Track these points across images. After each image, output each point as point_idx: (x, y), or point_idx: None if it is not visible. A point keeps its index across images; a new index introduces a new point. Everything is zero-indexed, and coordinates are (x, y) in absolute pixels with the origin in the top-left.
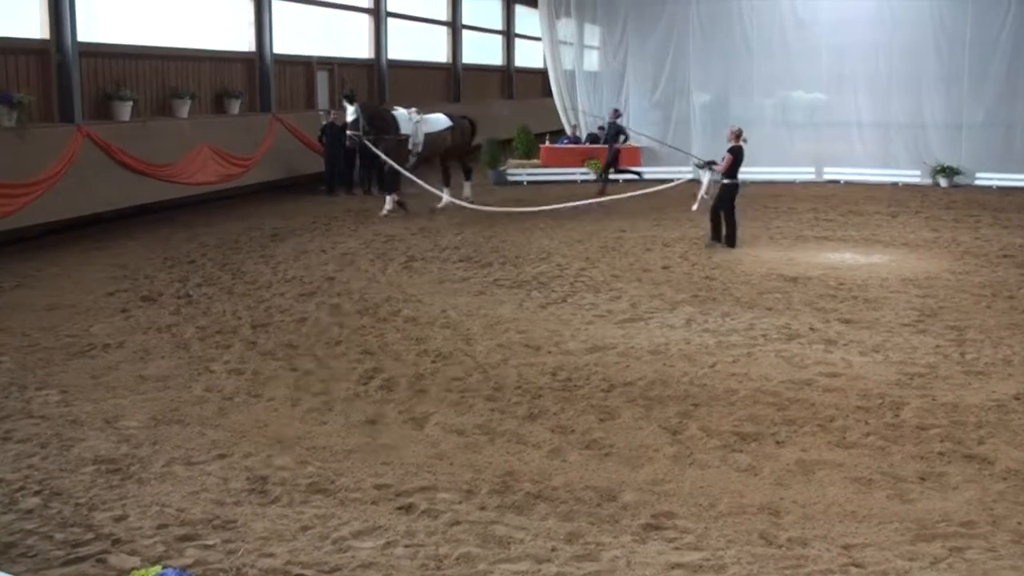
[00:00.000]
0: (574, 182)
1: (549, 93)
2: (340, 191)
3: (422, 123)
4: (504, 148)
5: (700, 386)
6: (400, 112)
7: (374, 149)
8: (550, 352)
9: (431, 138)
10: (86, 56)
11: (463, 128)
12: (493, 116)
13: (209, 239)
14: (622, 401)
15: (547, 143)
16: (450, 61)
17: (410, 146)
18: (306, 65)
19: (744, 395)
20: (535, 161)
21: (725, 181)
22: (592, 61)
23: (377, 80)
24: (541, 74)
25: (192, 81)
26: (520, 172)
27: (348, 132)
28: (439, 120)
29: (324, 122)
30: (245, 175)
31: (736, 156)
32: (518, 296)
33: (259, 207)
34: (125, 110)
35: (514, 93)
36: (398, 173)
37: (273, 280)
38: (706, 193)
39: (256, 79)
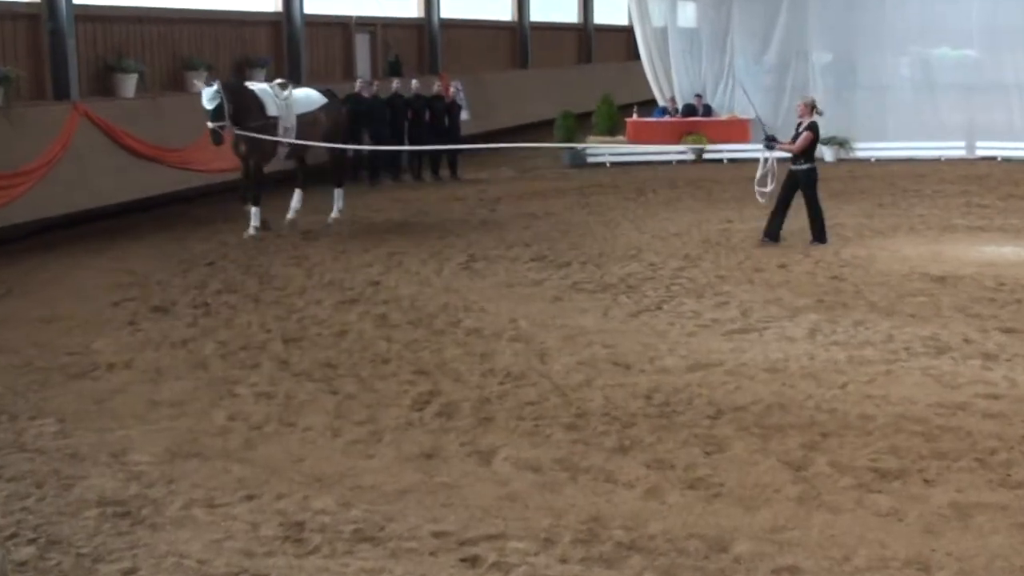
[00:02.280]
0: (669, 163)
1: (636, 56)
2: (384, 177)
3: (291, 101)
4: (581, 123)
5: (828, 411)
6: (261, 88)
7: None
8: (643, 371)
9: (303, 121)
10: (83, 21)
11: (335, 106)
12: (568, 84)
13: (230, 237)
14: (732, 430)
15: (635, 116)
16: (515, 19)
17: (280, 132)
18: (343, 27)
19: (883, 422)
20: (620, 138)
21: (804, 165)
22: (688, 15)
23: (428, 43)
24: (626, 32)
25: (208, 49)
26: (602, 151)
27: (210, 125)
28: (310, 96)
29: (362, 90)
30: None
31: (816, 133)
32: (603, 303)
33: (287, 198)
34: (129, 84)
35: (593, 56)
36: (261, 174)
37: (307, 285)
38: (766, 181)
39: (284, 45)
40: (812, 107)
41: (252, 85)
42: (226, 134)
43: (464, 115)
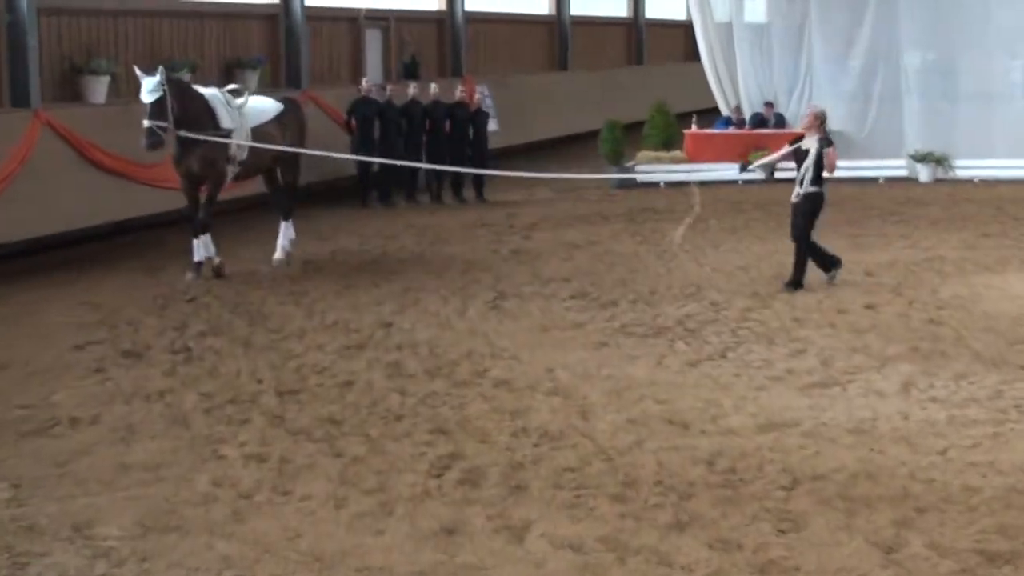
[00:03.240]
0: (734, 183)
1: (695, 56)
2: (397, 198)
3: (246, 111)
4: (630, 135)
5: (925, 482)
6: (211, 93)
7: (202, 137)
8: (704, 431)
9: (258, 135)
10: (46, 15)
11: (297, 116)
12: (615, 89)
13: (231, 266)
14: (811, 503)
15: (694, 128)
16: (553, 12)
17: (231, 151)
18: (350, 21)
19: (990, 496)
20: (677, 154)
21: (812, 188)
22: (757, 9)
23: (451, 39)
24: (684, 29)
25: (192, 46)
26: (654, 169)
27: (147, 123)
28: (266, 106)
29: (371, 94)
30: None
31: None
32: (656, 349)
33: (254, 231)
34: (100, 88)
35: (645, 56)
36: (215, 199)
37: (307, 327)
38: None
39: (281, 42)
40: (822, 120)
41: (201, 89)
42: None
43: (492, 125)
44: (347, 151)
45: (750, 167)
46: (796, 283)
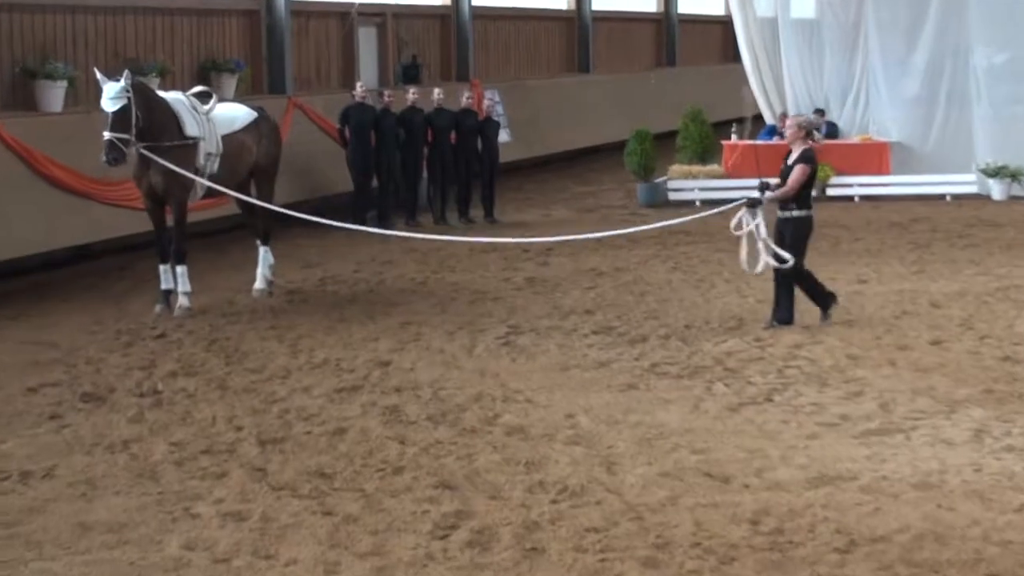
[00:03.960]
0: None
1: (735, 56)
2: (395, 219)
3: (213, 118)
4: (661, 147)
5: (1000, 544)
6: (175, 97)
7: (161, 160)
8: (747, 486)
9: (230, 145)
10: None
11: (270, 126)
12: (644, 94)
13: (205, 297)
14: (870, 568)
15: (733, 138)
16: (573, 7)
17: (201, 161)
18: (341, 18)
19: None
20: (714, 168)
21: (796, 212)
22: (806, 4)
23: (456, 38)
24: (722, 26)
25: (162, 47)
26: (689, 185)
27: (108, 135)
28: (236, 113)
29: (365, 101)
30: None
31: (813, 165)
32: (692, 391)
33: (274, 248)
34: (56, 95)
35: (677, 57)
36: (184, 221)
37: (292, 367)
38: (764, 249)
39: (262, 42)
40: (808, 131)
41: (163, 94)
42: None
43: (503, 135)
44: (339, 164)
45: (760, 200)
46: (784, 319)
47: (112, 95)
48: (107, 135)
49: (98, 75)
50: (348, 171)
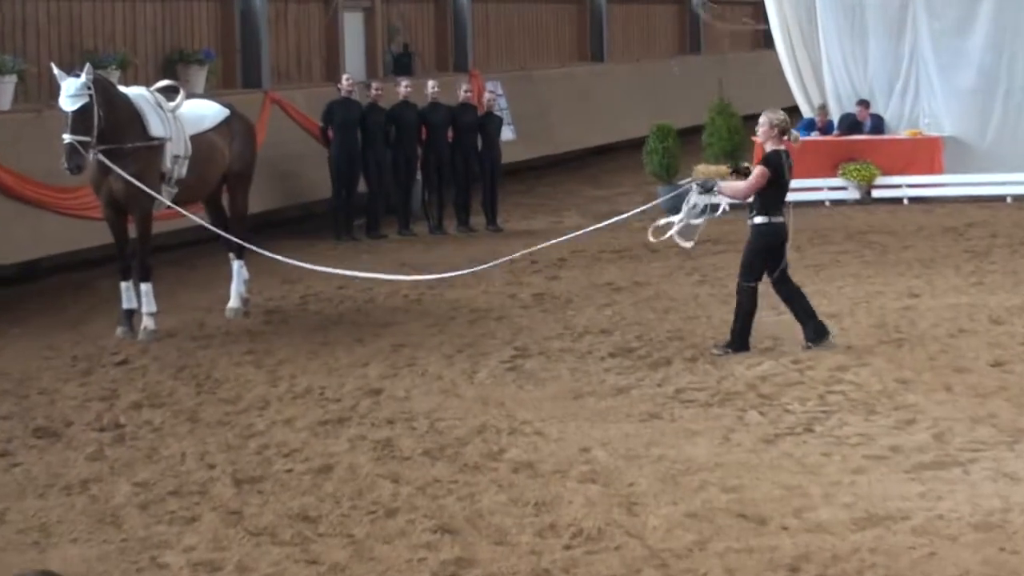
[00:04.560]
0: (820, 205)
1: (768, 43)
2: (382, 227)
3: (181, 116)
4: (685, 144)
5: None
6: (137, 93)
7: (116, 168)
8: (785, 528)
9: (199, 146)
10: None
11: (244, 125)
12: (665, 85)
13: (172, 318)
14: None
15: None
16: None
17: (167, 164)
18: (325, 2)
19: None
20: (745, 167)
21: (758, 219)
22: None
23: (452, 23)
24: (752, 7)
25: (123, 37)
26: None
27: (68, 138)
28: (206, 111)
29: (351, 95)
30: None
31: (774, 169)
32: (722, 421)
33: (253, 263)
34: (3, 91)
35: (703, 43)
36: (149, 233)
37: (270, 396)
38: (682, 234)
39: (235, 30)
40: (782, 129)
41: (124, 89)
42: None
43: (507, 132)
44: (323, 167)
45: (711, 186)
46: (738, 344)
47: (72, 92)
48: (68, 138)
49: (55, 71)
50: (329, 172)
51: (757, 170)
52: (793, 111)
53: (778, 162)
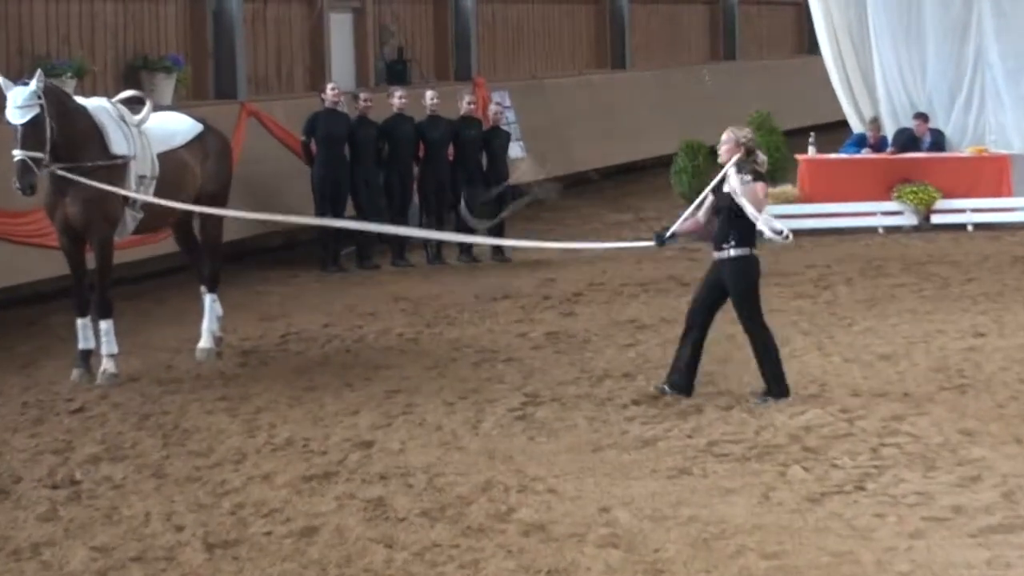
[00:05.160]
0: (873, 232)
1: (813, 48)
2: (375, 258)
3: (147, 132)
4: (716, 164)
5: None
6: (97, 106)
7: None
8: None
9: (168, 166)
10: None
11: (219, 142)
12: (695, 96)
13: (136, 359)
14: None
15: (811, 152)
16: None
17: (132, 186)
18: (309, 2)
19: None
20: (787, 190)
21: (733, 252)
22: None
23: (453, 26)
24: (795, 8)
25: (80, 41)
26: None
27: (19, 155)
28: (177, 125)
29: (338, 107)
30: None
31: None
32: (761, 477)
33: (227, 297)
34: None
35: (737, 48)
36: (110, 263)
37: (247, 448)
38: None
39: (208, 33)
40: (750, 147)
41: (82, 101)
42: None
43: (515, 149)
44: (307, 187)
45: (667, 237)
46: (778, 389)
47: (20, 103)
48: (19, 154)
49: (0, 80)
50: (313, 195)
51: (758, 186)
52: (841, 126)
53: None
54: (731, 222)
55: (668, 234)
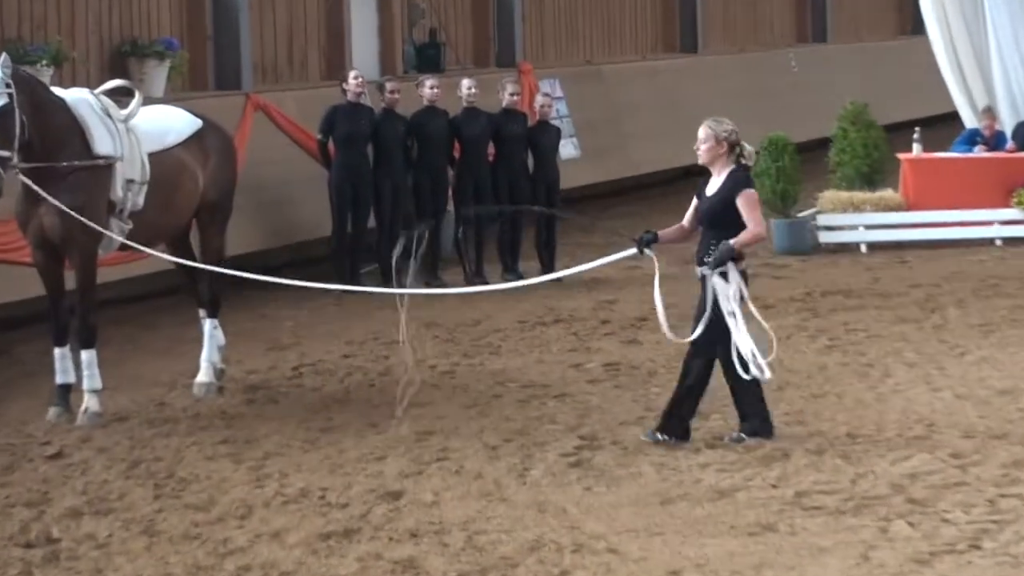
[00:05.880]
0: (989, 243)
1: (918, 28)
2: (403, 274)
3: (136, 128)
4: (807, 162)
5: None
6: (77, 98)
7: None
8: None
9: (161, 168)
10: None
11: (221, 141)
12: (779, 85)
13: (124, 396)
14: None
15: (916, 150)
16: None
17: (118, 192)
18: None
19: None
20: (888, 195)
21: (720, 268)
22: None
23: (494, 5)
24: None
25: (58, 24)
26: (851, 222)
27: None
28: (171, 121)
29: (360, 99)
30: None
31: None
32: (859, 534)
33: (231, 322)
34: None
35: (829, 30)
36: (93, 283)
37: (254, 500)
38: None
39: (207, 16)
40: (733, 144)
41: (61, 93)
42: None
43: (568, 148)
44: (321, 193)
45: (650, 240)
46: (679, 430)
47: None
48: None
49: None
50: (330, 203)
51: (749, 198)
52: (951, 119)
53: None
54: (713, 232)
55: (651, 240)
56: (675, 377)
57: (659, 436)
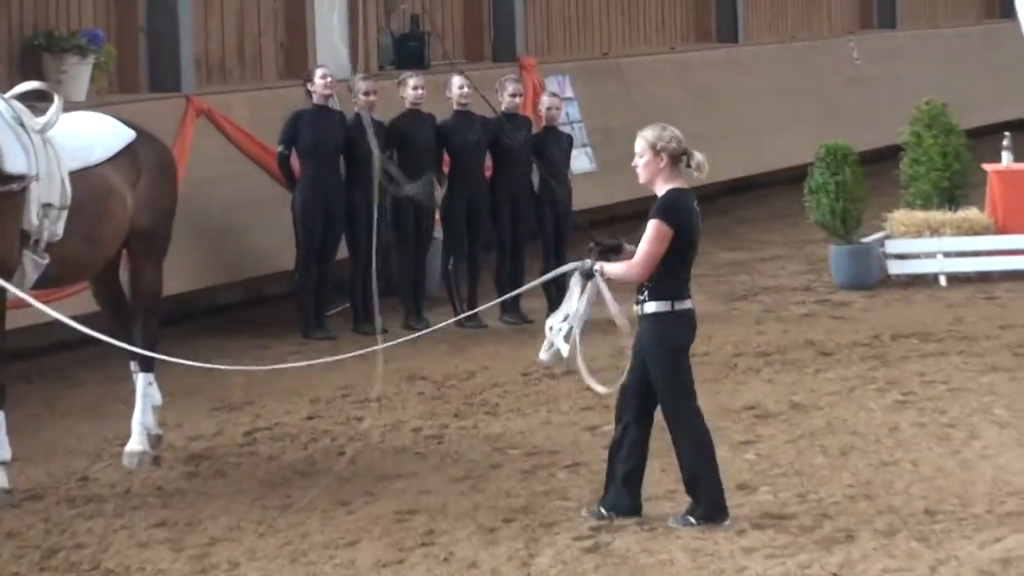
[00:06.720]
0: None
1: (1007, 13)
2: (386, 318)
3: (54, 140)
4: (873, 175)
5: None
6: None
7: None
8: None
9: (85, 189)
10: None
11: (158, 155)
12: (834, 81)
13: (38, 468)
14: None
15: (1006, 160)
16: None
17: (33, 219)
18: None
19: None
20: (972, 215)
21: (651, 308)
22: None
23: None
24: None
25: None
26: (927, 248)
27: None
28: (95, 133)
29: (329, 102)
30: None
31: (678, 223)
32: None
33: (171, 376)
34: None
35: (899, 14)
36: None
37: None
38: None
39: (139, 4)
40: (675, 154)
41: None
42: None
43: (581, 159)
44: (281, 217)
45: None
46: (713, 507)
47: None
48: None
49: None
50: (293, 228)
51: (651, 229)
52: None
53: (683, 210)
54: (647, 264)
55: (603, 248)
56: (717, 440)
57: (696, 521)
